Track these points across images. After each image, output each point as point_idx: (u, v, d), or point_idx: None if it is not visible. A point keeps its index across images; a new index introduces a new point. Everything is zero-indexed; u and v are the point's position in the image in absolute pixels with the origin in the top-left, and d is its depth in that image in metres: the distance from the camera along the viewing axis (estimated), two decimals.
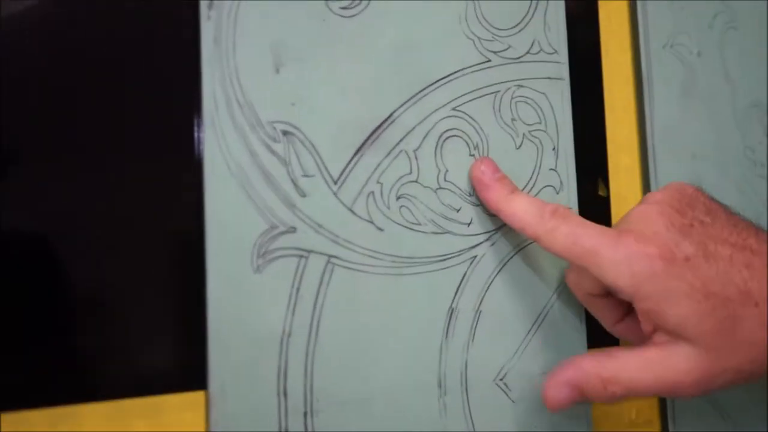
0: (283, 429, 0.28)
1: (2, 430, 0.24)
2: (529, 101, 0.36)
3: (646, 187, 0.41)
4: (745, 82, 0.46)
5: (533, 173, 0.36)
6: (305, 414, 0.29)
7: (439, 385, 0.32)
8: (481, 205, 0.34)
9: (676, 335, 0.28)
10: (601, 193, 0.40)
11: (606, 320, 0.34)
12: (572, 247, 0.30)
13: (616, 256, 0.29)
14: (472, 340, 0.33)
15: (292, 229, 0.29)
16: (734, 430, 0.42)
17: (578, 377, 0.29)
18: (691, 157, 0.43)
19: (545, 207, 0.31)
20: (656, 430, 0.40)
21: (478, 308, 0.34)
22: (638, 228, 0.30)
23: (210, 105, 0.28)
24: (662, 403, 0.40)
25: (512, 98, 0.36)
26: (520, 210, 0.31)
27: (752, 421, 0.42)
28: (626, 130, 0.41)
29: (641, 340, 0.30)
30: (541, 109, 0.37)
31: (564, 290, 0.36)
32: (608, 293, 0.33)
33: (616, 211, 0.40)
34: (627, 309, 0.33)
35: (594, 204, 0.39)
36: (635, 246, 0.29)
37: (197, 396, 0.27)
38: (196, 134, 0.28)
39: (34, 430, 0.24)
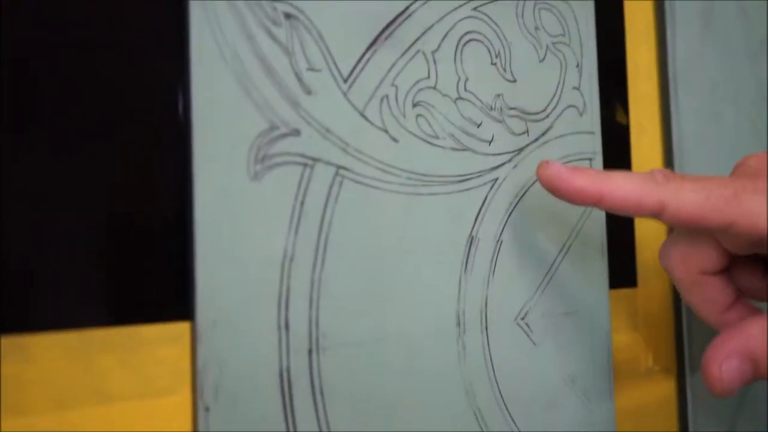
0: (284, 367, 0.24)
1: None
2: (553, 10, 0.32)
3: (666, 117, 0.38)
4: (757, 16, 0.43)
5: (556, 91, 0.32)
6: (310, 351, 0.24)
7: (458, 324, 0.28)
8: (504, 122, 0.30)
9: None
10: (620, 119, 0.36)
11: (717, 305, 0.28)
12: (705, 201, 0.24)
13: (763, 199, 0.24)
14: (493, 274, 0.29)
15: (296, 132, 0.24)
16: None
17: (748, 344, 0.23)
18: (710, 91, 0.39)
19: (650, 172, 0.26)
20: (673, 377, 0.37)
21: (499, 238, 0.30)
22: (764, 172, 0.25)
23: None
24: (679, 351, 0.37)
25: (536, 4, 0.32)
26: (625, 182, 0.25)
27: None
28: (646, 55, 0.38)
29: None
30: (565, 20, 0.33)
31: (586, 223, 0.33)
32: (723, 269, 0.28)
33: (636, 141, 0.37)
34: (737, 293, 0.28)
35: (613, 132, 0.35)
36: None
37: (181, 327, 0.22)
38: (178, 10, 0.23)
39: None
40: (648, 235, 0.36)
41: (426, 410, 0.27)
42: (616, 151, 0.35)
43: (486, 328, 0.29)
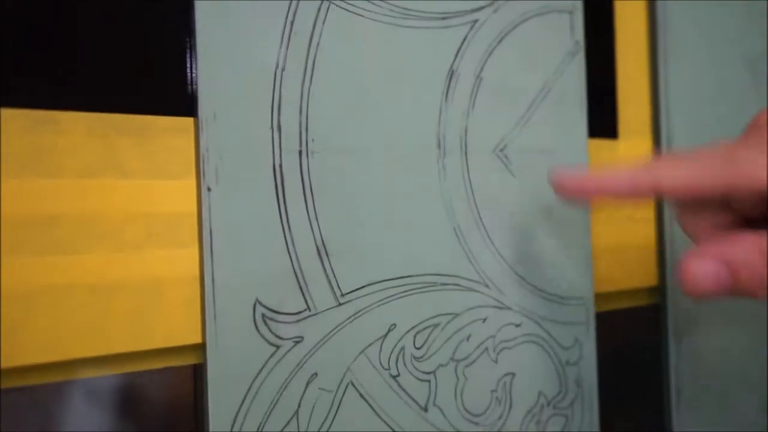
0: (277, 164, 0.27)
1: None
2: None
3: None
4: None
5: None
6: (300, 153, 0.28)
7: (439, 146, 0.31)
8: None
9: None
10: None
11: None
12: (701, 171, 0.24)
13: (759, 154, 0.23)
14: (473, 107, 0.32)
15: None
16: None
17: (731, 251, 0.22)
18: None
19: (642, 161, 0.26)
20: (652, 228, 0.39)
21: (479, 75, 0.32)
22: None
23: None
24: (660, 203, 0.39)
25: None
26: (616, 173, 0.25)
27: None
28: None
29: None
30: None
31: (567, 69, 0.35)
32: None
33: (620, 7, 0.38)
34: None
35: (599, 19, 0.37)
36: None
37: (187, 121, 0.26)
38: None
39: (9, 130, 0.23)
40: (629, 90, 0.38)
41: (408, 221, 0.30)
42: (599, 8, 0.37)
43: (465, 154, 0.32)
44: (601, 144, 0.37)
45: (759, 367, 0.42)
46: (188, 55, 0.26)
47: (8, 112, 0.23)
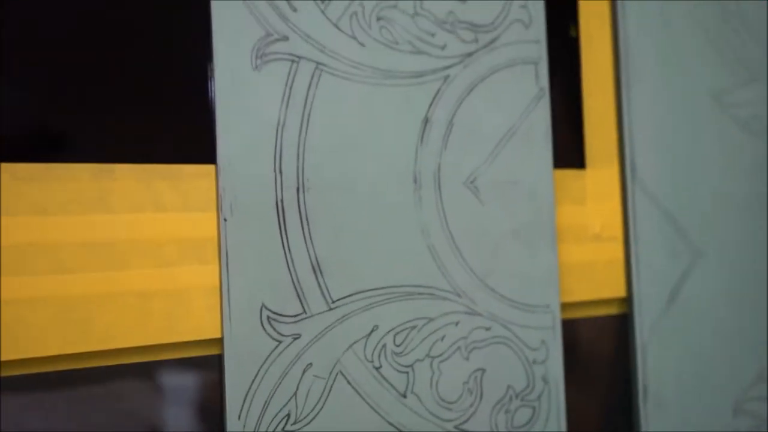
0: (279, 199, 0.35)
1: (48, 176, 0.31)
2: None
3: (615, 29, 0.45)
4: None
5: (504, 8, 0.41)
6: (297, 189, 0.35)
7: (415, 180, 0.38)
8: (455, 32, 0.39)
9: None
10: (572, 33, 0.44)
11: None
12: None
13: None
14: (445, 148, 0.39)
15: (285, 38, 0.35)
16: (691, 250, 0.46)
17: None
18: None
19: None
20: (620, 246, 0.44)
21: (451, 121, 0.39)
22: None
23: None
24: (625, 218, 0.44)
25: None
26: None
27: (717, 250, 0.47)
28: None
29: None
30: None
31: (533, 111, 0.41)
32: None
33: (586, 54, 0.44)
34: None
35: (564, 46, 0.43)
36: None
37: (209, 168, 0.34)
38: None
39: (79, 179, 0.31)
40: (596, 122, 0.44)
41: (389, 241, 0.37)
42: (567, 60, 0.43)
43: (439, 187, 0.38)
44: (569, 174, 0.43)
45: (726, 370, 0.46)
46: (211, 120, 0.34)
47: (77, 166, 0.31)
